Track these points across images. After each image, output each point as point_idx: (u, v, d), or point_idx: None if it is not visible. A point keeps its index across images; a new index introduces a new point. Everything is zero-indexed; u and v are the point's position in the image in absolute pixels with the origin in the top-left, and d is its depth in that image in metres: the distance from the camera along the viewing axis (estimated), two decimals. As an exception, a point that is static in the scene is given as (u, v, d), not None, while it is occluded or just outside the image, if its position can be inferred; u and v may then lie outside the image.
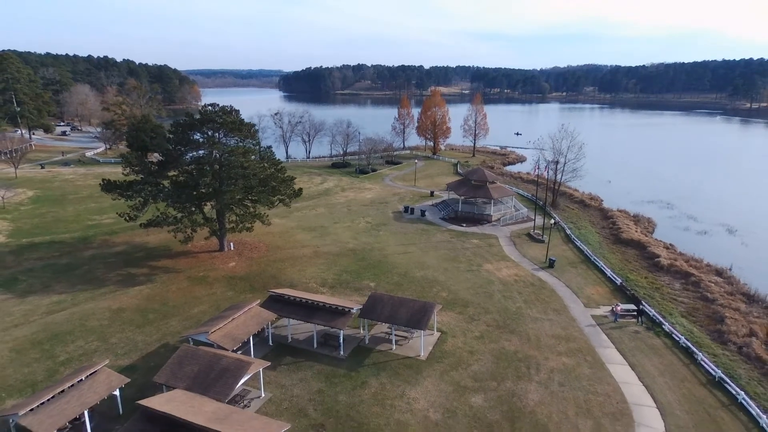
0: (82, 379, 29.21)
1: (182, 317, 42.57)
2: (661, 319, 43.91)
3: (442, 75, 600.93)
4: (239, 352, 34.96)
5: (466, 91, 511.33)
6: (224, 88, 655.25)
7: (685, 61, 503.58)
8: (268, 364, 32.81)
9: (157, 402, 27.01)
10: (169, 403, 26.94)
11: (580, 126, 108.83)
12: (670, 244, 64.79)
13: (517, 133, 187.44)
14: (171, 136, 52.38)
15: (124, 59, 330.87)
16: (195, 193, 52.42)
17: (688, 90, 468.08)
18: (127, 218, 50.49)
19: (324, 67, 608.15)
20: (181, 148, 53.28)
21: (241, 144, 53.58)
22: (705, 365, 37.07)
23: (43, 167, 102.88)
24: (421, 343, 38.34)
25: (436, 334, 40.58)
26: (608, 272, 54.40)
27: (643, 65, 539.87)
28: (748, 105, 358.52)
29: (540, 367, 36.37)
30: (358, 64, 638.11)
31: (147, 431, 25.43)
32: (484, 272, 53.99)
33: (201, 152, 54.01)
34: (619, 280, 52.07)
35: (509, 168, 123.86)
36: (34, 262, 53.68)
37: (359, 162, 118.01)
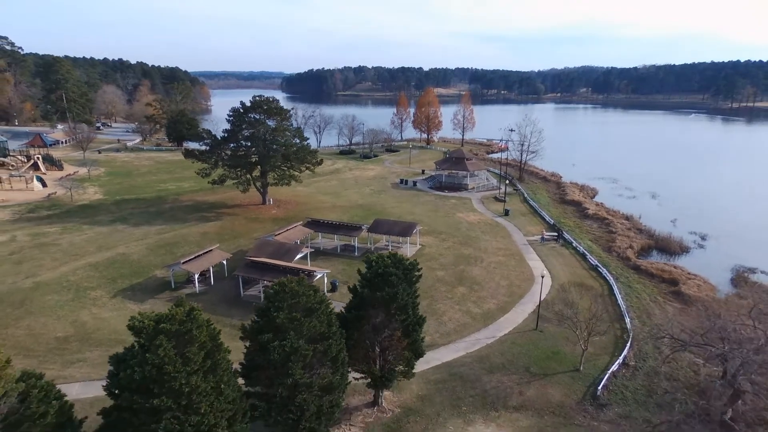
0: (204, 253, 49.89)
1: (247, 238, 62.99)
2: (573, 240, 64.44)
3: (441, 76, 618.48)
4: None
5: (464, 93, 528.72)
6: (229, 89, 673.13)
7: (675, 63, 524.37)
8: (313, 250, 53.54)
9: (255, 258, 47.63)
10: (261, 259, 47.49)
11: (568, 123, 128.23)
12: (601, 203, 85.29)
13: (511, 130, 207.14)
14: (231, 118, 72.80)
15: (138, 61, 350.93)
16: (247, 160, 73.00)
17: (677, 91, 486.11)
18: (203, 175, 71.18)
19: (326, 68, 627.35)
20: (236, 128, 73.80)
21: (280, 125, 74.07)
22: (590, 260, 57.67)
23: (100, 152, 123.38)
24: (408, 249, 58.83)
25: (418, 246, 61.05)
26: (547, 218, 74.96)
27: (635, 67, 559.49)
28: (730, 105, 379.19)
29: (483, 261, 56.88)
30: (359, 66, 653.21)
31: (251, 269, 45.99)
32: (456, 217, 74.50)
33: (250, 131, 74.30)
34: (552, 221, 72.58)
35: (492, 156, 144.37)
36: (131, 210, 74.18)
37: (363, 149, 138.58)
